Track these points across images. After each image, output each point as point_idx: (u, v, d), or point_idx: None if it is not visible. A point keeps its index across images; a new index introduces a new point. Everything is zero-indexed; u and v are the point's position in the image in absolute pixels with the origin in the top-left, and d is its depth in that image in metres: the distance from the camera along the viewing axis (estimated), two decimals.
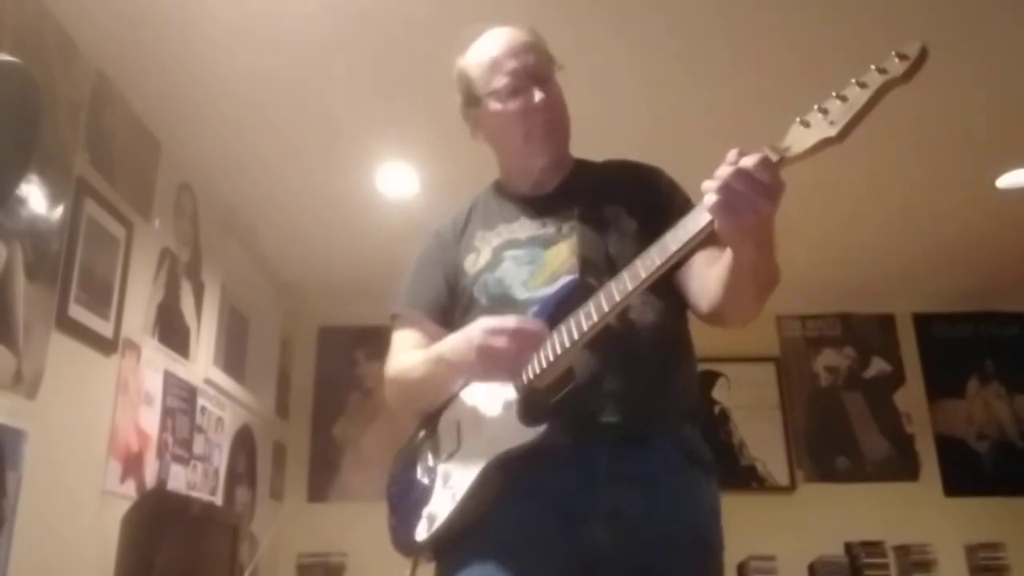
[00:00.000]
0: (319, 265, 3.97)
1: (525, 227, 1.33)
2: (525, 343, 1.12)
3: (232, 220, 3.45)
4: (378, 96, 2.64)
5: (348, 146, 2.97)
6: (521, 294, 1.25)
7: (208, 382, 3.19)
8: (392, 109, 2.67)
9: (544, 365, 1.12)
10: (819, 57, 2.42)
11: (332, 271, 3.99)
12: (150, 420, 2.67)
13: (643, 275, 1.04)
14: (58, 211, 2.17)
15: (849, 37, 2.34)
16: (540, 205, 1.35)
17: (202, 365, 3.15)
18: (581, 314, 1.10)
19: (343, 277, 4.05)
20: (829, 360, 4.56)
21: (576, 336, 1.09)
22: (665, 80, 2.63)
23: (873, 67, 0.89)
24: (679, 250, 1.01)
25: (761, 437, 4.37)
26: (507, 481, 1.15)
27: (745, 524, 4.07)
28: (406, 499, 1.28)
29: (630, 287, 1.05)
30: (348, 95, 2.66)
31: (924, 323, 4.58)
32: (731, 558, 4.16)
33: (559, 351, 1.11)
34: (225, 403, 3.40)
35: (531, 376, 1.14)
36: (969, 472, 4.32)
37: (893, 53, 0.88)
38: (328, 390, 4.38)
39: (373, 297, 2.47)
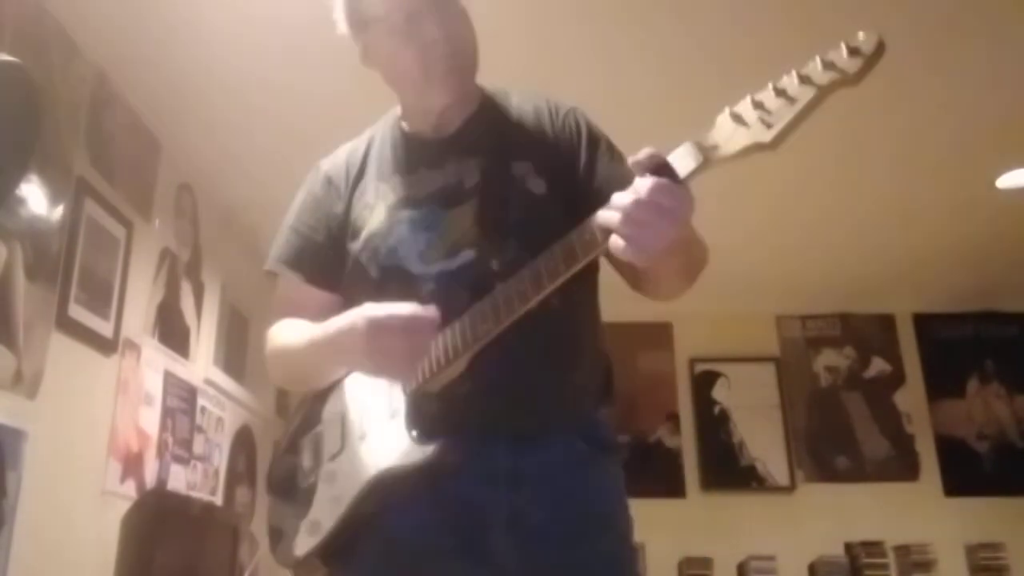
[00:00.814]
0: None
1: (423, 181, 1.17)
2: (418, 338, 1.01)
3: (232, 220, 3.45)
4: (378, 95, 2.63)
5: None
6: (416, 267, 1.12)
7: (208, 382, 3.19)
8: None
9: (435, 369, 1.04)
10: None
11: None
12: (150, 420, 2.67)
13: (546, 282, 0.96)
14: (58, 211, 2.17)
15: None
16: (441, 149, 1.19)
17: (202, 365, 3.15)
18: (477, 314, 1.01)
19: None
20: (829, 360, 4.56)
21: (471, 340, 1.01)
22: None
23: (819, 59, 0.78)
24: (585, 260, 0.95)
25: (761, 437, 4.37)
26: (397, 493, 1.05)
27: (745, 524, 4.12)
28: (287, 502, 1.17)
29: (530, 293, 0.97)
30: (348, 95, 2.65)
31: (924, 323, 4.58)
32: (731, 558, 4.17)
33: (451, 355, 1.02)
34: (225, 403, 3.40)
35: (420, 380, 1.05)
36: (969, 472, 4.32)
37: (843, 45, 0.77)
38: None
39: None
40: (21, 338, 1.98)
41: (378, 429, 1.08)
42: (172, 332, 2.88)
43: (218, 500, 3.24)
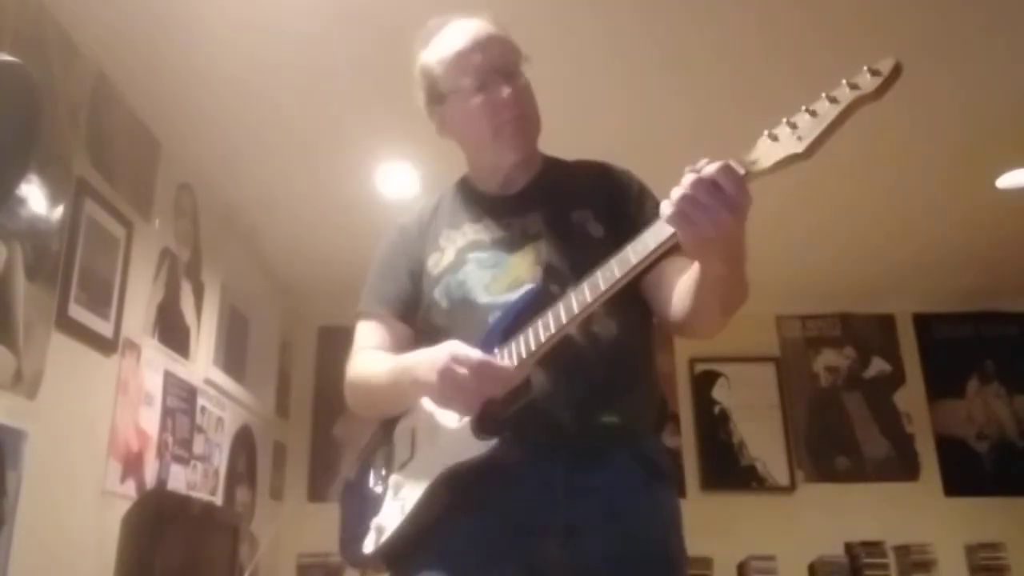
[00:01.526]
0: (319, 265, 3.97)
1: (490, 228, 1.29)
2: (488, 380, 1.06)
3: (232, 220, 3.45)
4: (378, 96, 2.63)
5: (348, 146, 2.97)
6: (482, 298, 1.22)
7: (208, 382, 3.19)
8: (392, 109, 2.67)
9: None
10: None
11: (332, 271, 3.98)
12: (150, 420, 2.67)
13: (602, 287, 1.02)
14: (58, 211, 2.17)
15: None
16: (507, 205, 1.31)
17: (202, 365, 3.15)
18: (539, 325, 1.08)
19: (343, 277, 3.99)
20: (829, 360, 4.56)
21: (533, 347, 1.07)
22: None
23: (844, 82, 0.87)
24: (639, 263, 1.00)
25: (761, 437, 4.37)
26: (458, 494, 1.12)
27: (745, 524, 4.12)
28: (357, 507, 1.25)
29: (589, 299, 1.03)
30: (349, 95, 2.66)
31: (924, 323, 4.58)
32: (731, 558, 4.16)
33: (515, 362, 1.08)
34: (225, 403, 3.40)
35: None
36: (969, 472, 4.32)
37: (865, 68, 0.87)
38: (328, 390, 4.37)
39: None
40: (21, 338, 1.98)
41: (445, 434, 1.15)
42: (172, 332, 2.88)
43: (218, 500, 3.24)
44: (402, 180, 3.16)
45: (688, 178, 0.93)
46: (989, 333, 4.57)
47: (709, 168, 0.92)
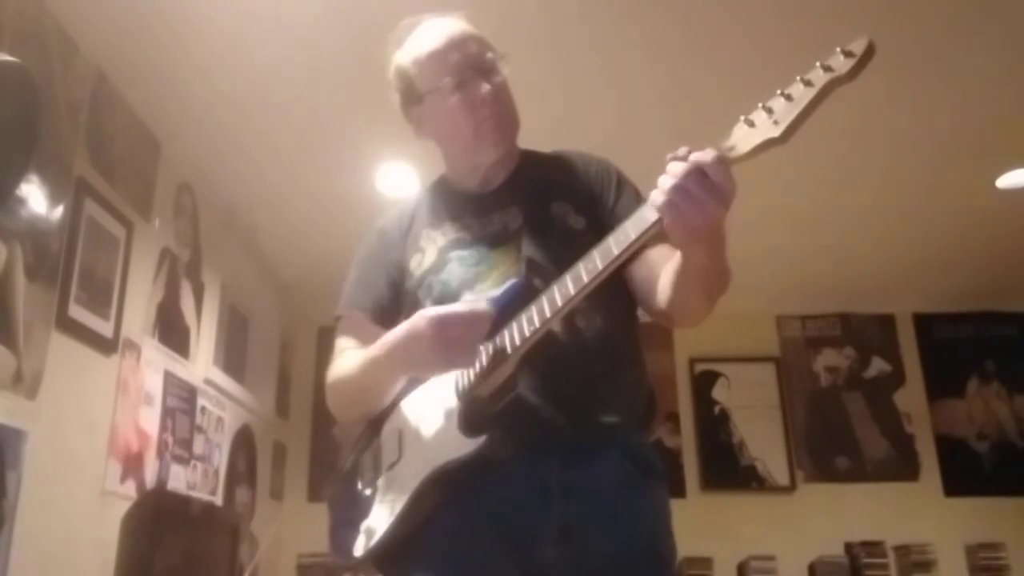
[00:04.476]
0: (319, 265, 3.96)
1: (471, 227, 1.28)
2: (479, 326, 1.07)
3: (232, 220, 3.45)
4: (378, 96, 2.62)
5: (348, 146, 2.97)
6: (467, 295, 1.21)
7: (208, 382, 3.19)
8: (392, 108, 2.67)
9: (486, 370, 1.08)
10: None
11: (332, 271, 3.94)
12: (150, 420, 2.67)
13: (585, 279, 1.01)
14: (58, 211, 2.17)
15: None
16: (487, 202, 1.30)
17: (202, 365, 3.15)
18: (523, 319, 1.07)
19: (343, 277, 4.03)
20: (829, 360, 4.57)
21: (518, 342, 1.06)
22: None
23: (818, 64, 0.87)
24: (621, 254, 0.99)
25: (761, 437, 4.37)
26: (447, 493, 1.10)
27: (745, 524, 4.12)
28: (346, 510, 1.24)
29: (572, 291, 1.02)
30: (348, 95, 2.66)
31: (924, 323, 4.59)
32: (731, 558, 4.15)
33: (499, 357, 1.07)
34: (225, 403, 3.40)
35: (473, 383, 1.10)
36: (969, 472, 4.32)
37: (838, 49, 0.86)
38: None
39: None
40: (21, 338, 1.98)
41: (432, 434, 1.14)
42: (172, 332, 2.88)
43: (218, 500, 3.25)
44: (402, 180, 3.16)
45: (677, 167, 0.92)
46: (989, 333, 4.58)
47: (699, 158, 0.92)
